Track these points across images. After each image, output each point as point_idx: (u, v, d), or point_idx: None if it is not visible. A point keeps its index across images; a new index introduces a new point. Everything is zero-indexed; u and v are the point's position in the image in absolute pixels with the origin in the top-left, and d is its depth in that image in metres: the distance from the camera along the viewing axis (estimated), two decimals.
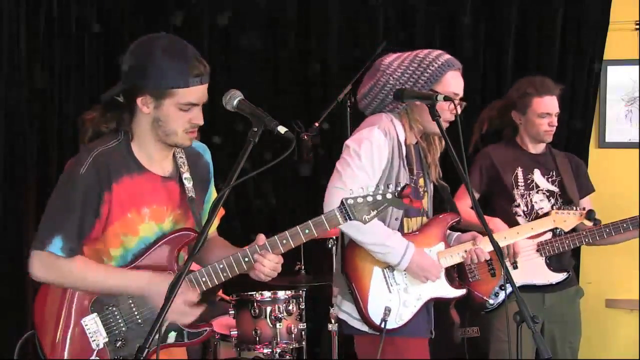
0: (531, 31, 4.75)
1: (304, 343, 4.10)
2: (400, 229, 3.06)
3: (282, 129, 2.27)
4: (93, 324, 2.46)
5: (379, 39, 4.68)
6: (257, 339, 3.97)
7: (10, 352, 4.61)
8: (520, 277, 3.69)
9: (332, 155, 4.65)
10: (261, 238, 2.45)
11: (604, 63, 4.72)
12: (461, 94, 3.07)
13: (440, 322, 3.27)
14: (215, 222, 2.69)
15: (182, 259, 2.55)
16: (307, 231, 2.44)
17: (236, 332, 3.99)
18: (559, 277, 3.75)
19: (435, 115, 2.78)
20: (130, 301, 2.46)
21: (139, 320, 2.47)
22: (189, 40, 2.49)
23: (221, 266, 2.44)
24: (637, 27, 4.74)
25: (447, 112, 2.99)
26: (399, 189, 2.42)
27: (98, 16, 4.87)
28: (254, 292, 4.02)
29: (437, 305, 3.24)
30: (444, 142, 3.01)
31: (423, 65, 3.00)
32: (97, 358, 2.44)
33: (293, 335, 4.02)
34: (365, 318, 3.00)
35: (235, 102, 2.40)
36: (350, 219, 2.42)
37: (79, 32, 4.83)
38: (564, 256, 3.81)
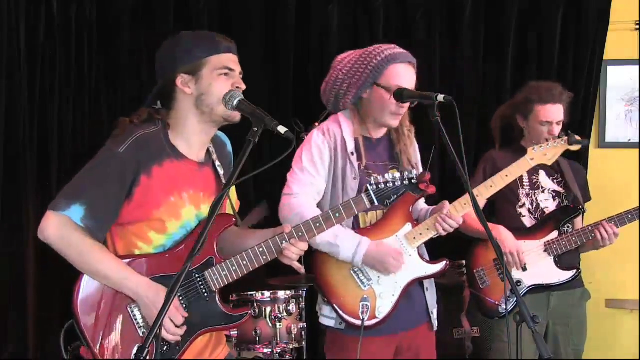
0: (531, 31, 4.75)
1: (304, 343, 4.10)
2: (356, 223, 3.09)
3: (282, 129, 2.27)
4: (139, 311, 2.44)
5: (379, 39, 4.68)
6: (257, 339, 3.97)
7: (9, 352, 4.64)
8: (530, 278, 3.68)
9: None
10: (288, 226, 2.54)
11: (604, 63, 4.72)
12: (409, 87, 3.03)
13: (440, 322, 3.27)
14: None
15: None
16: (337, 215, 2.59)
17: (236, 332, 3.99)
18: (569, 274, 3.74)
19: (434, 116, 2.78)
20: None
21: (184, 305, 2.47)
22: None
23: (261, 249, 2.51)
24: (637, 27, 4.74)
25: (393, 106, 3.03)
26: (417, 175, 2.62)
27: (98, 16, 4.86)
28: (254, 292, 4.03)
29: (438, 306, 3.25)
30: (412, 134, 3.17)
31: (367, 60, 3.05)
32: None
33: (293, 335, 4.02)
34: (344, 320, 3.04)
35: (235, 102, 2.42)
36: (375, 203, 2.57)
37: (79, 32, 4.82)
38: (571, 254, 3.80)
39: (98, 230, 2.41)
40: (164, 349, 2.44)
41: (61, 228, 2.38)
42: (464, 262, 3.89)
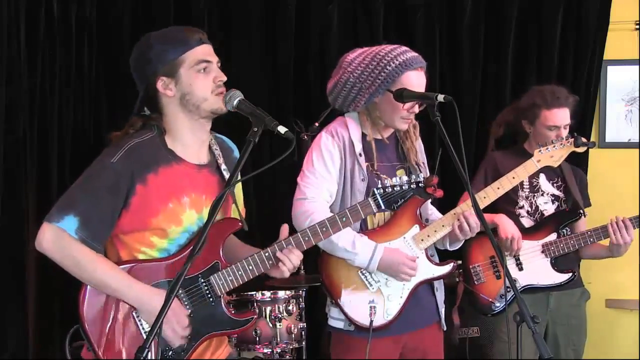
0: (531, 31, 4.75)
1: (304, 343, 4.11)
2: (363, 224, 3.08)
3: (282, 129, 2.28)
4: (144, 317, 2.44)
5: (379, 39, 4.68)
6: (257, 339, 3.97)
7: (9, 352, 4.64)
8: (525, 278, 3.69)
9: None
10: (285, 228, 2.55)
11: (604, 63, 4.72)
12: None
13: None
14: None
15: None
16: (344, 219, 2.60)
17: None
18: (564, 277, 3.74)
19: (434, 115, 2.78)
20: (181, 291, 2.44)
21: (189, 310, 2.46)
22: None
23: (267, 254, 2.50)
24: (637, 27, 4.75)
25: (405, 111, 3.03)
26: (424, 178, 2.63)
27: (98, 16, 4.86)
28: (254, 292, 4.03)
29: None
30: (417, 130, 3.17)
31: (380, 65, 3.01)
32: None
33: (293, 335, 4.03)
34: (353, 322, 3.03)
35: (235, 102, 2.42)
36: (382, 207, 2.60)
37: (79, 32, 4.82)
38: (569, 256, 3.80)
39: (94, 241, 2.40)
40: (169, 354, 2.44)
41: (56, 240, 2.38)
42: (459, 262, 3.89)
